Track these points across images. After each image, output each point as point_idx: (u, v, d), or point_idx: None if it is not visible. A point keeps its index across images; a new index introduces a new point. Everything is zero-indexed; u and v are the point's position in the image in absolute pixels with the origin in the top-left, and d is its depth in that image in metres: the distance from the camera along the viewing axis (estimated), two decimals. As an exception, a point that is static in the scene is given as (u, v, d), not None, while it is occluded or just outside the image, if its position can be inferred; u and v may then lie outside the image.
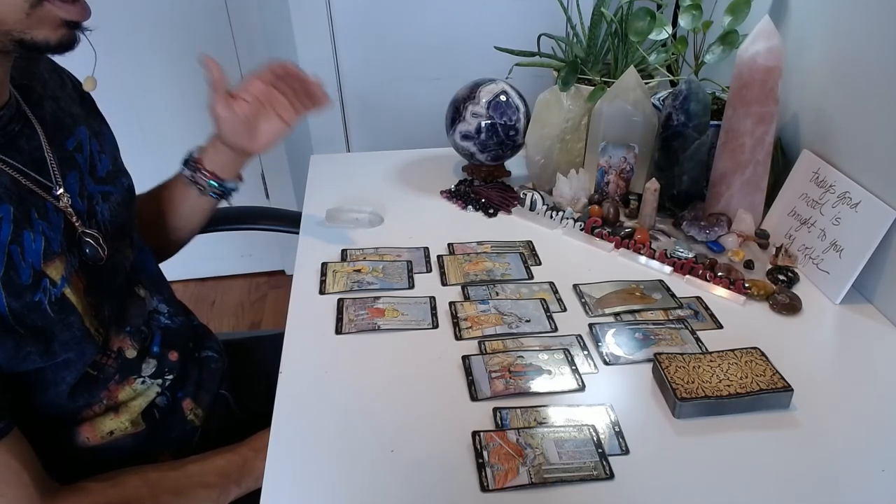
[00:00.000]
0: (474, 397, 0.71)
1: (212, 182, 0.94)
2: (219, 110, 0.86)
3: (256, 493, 0.75)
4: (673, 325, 0.82)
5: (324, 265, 0.94)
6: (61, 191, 0.70)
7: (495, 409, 0.69)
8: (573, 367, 0.75)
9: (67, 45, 0.63)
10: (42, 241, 0.66)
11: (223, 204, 1.01)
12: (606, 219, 1.04)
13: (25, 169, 0.67)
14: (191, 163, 0.94)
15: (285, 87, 0.89)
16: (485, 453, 0.64)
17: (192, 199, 0.96)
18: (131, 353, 0.78)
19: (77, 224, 0.71)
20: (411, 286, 0.90)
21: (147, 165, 0.98)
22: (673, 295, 0.89)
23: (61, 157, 0.73)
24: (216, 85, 0.85)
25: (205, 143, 0.94)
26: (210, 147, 0.93)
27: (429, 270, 0.94)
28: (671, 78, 1.11)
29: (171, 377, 0.83)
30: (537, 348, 0.78)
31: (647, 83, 1.07)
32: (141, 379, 0.79)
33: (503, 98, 1.10)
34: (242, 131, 0.88)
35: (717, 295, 0.89)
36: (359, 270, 0.93)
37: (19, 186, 0.66)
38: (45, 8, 0.60)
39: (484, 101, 1.10)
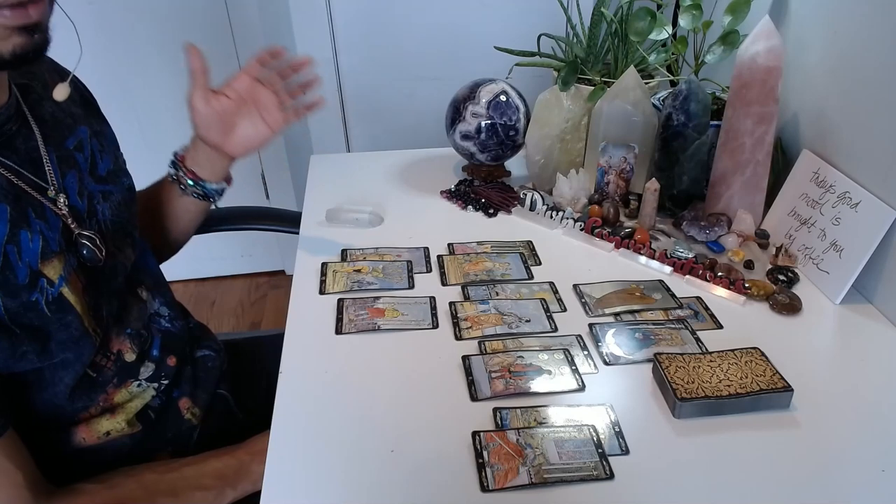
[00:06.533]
0: (474, 397, 0.71)
1: (190, 182, 0.89)
2: (194, 102, 0.82)
3: (253, 496, 0.75)
4: (673, 325, 0.82)
5: (324, 265, 0.94)
6: (56, 192, 0.69)
7: (495, 409, 0.69)
8: (573, 367, 0.75)
9: (26, 54, 0.59)
10: (40, 240, 0.65)
11: (211, 207, 0.96)
12: (606, 219, 1.04)
13: (21, 169, 0.67)
14: (175, 161, 0.91)
15: (276, 80, 0.84)
16: (485, 453, 0.64)
17: (177, 198, 0.92)
18: (130, 357, 0.77)
19: (73, 226, 0.70)
20: (411, 286, 0.90)
21: (147, 165, 0.98)
22: (673, 295, 0.89)
23: (60, 157, 0.72)
24: (196, 75, 0.81)
25: (189, 141, 0.90)
26: (191, 144, 0.89)
27: (429, 270, 0.94)
28: (671, 78, 1.11)
29: (167, 382, 0.82)
30: (537, 348, 0.78)
31: (647, 83, 1.07)
32: (137, 382, 0.78)
33: (503, 98, 1.10)
34: (216, 128, 0.84)
35: (717, 295, 0.89)
36: (359, 270, 0.93)
37: (15, 186, 0.65)
38: None
39: (484, 101, 1.10)
